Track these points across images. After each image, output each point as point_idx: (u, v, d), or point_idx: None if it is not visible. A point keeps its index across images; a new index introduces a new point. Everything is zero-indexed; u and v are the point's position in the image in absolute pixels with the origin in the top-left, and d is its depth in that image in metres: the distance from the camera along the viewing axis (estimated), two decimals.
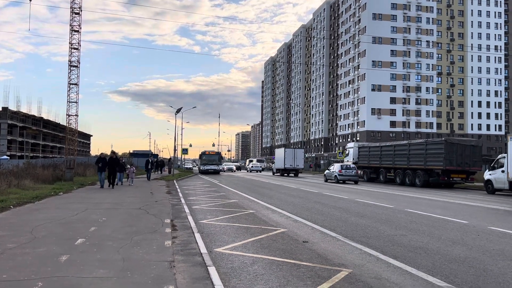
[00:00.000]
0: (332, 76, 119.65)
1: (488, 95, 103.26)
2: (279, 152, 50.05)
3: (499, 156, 23.50)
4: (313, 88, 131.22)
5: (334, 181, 33.01)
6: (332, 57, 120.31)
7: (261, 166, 67.41)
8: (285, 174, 48.21)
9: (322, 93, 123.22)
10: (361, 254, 7.13)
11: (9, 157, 51.07)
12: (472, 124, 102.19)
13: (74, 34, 41.06)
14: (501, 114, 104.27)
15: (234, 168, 71.13)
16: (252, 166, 66.59)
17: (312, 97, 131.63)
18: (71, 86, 42.83)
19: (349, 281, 5.51)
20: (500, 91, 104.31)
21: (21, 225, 9.27)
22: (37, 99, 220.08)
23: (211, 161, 49.62)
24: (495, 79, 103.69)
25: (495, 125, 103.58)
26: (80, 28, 40.81)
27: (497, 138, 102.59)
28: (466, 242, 8.27)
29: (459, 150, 27.03)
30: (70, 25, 40.86)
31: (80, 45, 40.87)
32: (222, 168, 57.56)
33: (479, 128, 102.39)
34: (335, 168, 33.13)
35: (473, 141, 29.48)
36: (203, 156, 50.98)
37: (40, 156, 71.31)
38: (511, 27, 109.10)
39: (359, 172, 36.35)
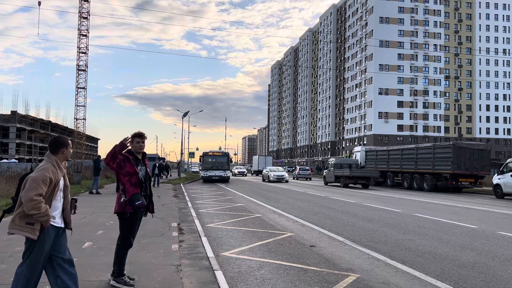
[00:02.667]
0: (339, 79, 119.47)
1: (496, 98, 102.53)
2: (255, 158, 72.06)
3: (508, 160, 23.27)
4: (319, 92, 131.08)
5: (302, 179, 48.39)
6: (339, 60, 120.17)
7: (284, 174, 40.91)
8: (259, 174, 59.19)
9: (329, 96, 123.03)
10: (369, 259, 7.08)
11: (17, 161, 51.49)
12: (480, 128, 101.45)
13: (82, 39, 41.31)
14: (509, 117, 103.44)
15: (246, 171, 62.94)
16: (274, 175, 39.57)
17: (319, 101, 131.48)
18: (79, 90, 43.08)
19: (357, 286, 5.46)
20: (509, 94, 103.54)
21: None
22: (46, 103, 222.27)
23: (216, 165, 36.45)
24: (504, 83, 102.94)
25: (504, 129, 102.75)
26: (88, 32, 41.10)
27: (505, 142, 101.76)
28: (475, 247, 8.19)
29: (467, 154, 26.81)
30: (78, 30, 41.19)
31: (88, 50, 41.12)
32: (231, 173, 46.35)
33: (488, 132, 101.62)
34: (297, 169, 50.65)
35: (482, 145, 29.23)
36: (205, 158, 37.16)
37: None
38: None
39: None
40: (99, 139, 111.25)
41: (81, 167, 31.07)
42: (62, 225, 4.17)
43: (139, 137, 5.29)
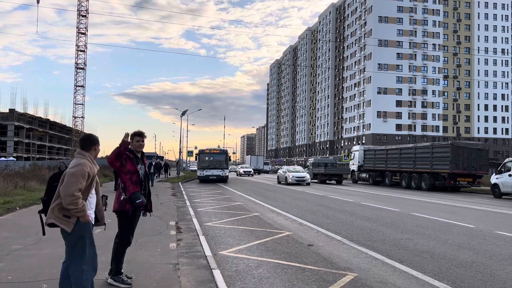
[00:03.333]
0: (337, 78, 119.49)
1: (494, 98, 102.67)
2: (247, 158, 79.72)
3: (506, 160, 23.29)
4: (318, 91, 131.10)
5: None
6: (337, 59, 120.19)
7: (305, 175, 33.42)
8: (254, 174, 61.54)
9: (328, 95, 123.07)
10: (367, 258, 7.09)
11: (15, 159, 51.37)
12: (478, 128, 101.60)
13: (80, 37, 41.29)
14: (508, 117, 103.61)
15: (252, 171, 56.26)
16: (293, 177, 32.32)
17: (318, 100, 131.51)
18: (78, 88, 43.08)
19: (355, 285, 5.47)
20: (507, 94, 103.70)
21: (27, 227, 9.30)
22: (44, 101, 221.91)
23: (214, 164, 33.97)
24: (502, 83, 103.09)
25: (502, 128, 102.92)
26: (87, 30, 41.14)
27: (503, 142, 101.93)
28: (473, 247, 8.20)
29: (466, 154, 26.84)
30: (77, 28, 41.19)
31: (86, 48, 41.19)
32: (237, 173, 46.44)
33: (486, 131, 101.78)
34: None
35: (480, 144, 29.27)
36: (202, 156, 34.83)
37: (46, 157, 71.61)
38: None
39: (365, 175, 36.56)
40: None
41: None
42: (93, 222, 4.30)
43: (139, 136, 5.32)
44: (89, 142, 4.27)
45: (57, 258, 6.39)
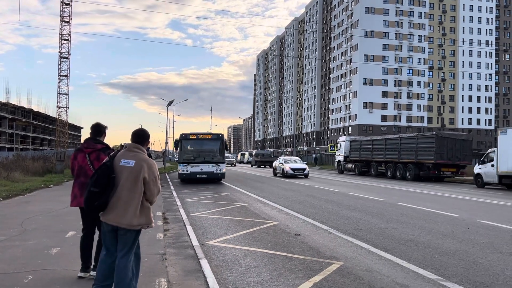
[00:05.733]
0: (324, 69, 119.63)
1: (478, 89, 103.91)
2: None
3: (489, 150, 23.69)
4: (305, 82, 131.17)
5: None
6: (324, 50, 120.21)
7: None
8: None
9: (314, 86, 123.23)
10: (353, 247, 7.17)
11: None
12: (462, 119, 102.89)
13: (64, 25, 40.54)
14: (491, 108, 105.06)
15: (235, 161, 65.37)
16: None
17: (305, 91, 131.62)
18: (62, 77, 42.40)
19: (341, 274, 5.53)
20: (491, 85, 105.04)
21: (11, 218, 9.19)
22: (27, 91, 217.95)
23: (203, 155, 22.64)
24: (486, 74, 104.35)
25: (485, 119, 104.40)
26: (71, 19, 40.23)
27: (487, 133, 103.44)
28: (456, 235, 8.35)
29: (450, 144, 27.20)
30: (60, 16, 40.34)
31: (70, 37, 40.31)
32: (281, 173, 30.51)
33: (470, 122, 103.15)
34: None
35: (464, 135, 29.67)
36: (185, 143, 22.97)
37: (30, 148, 70.63)
38: (502, 22, 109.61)
39: (351, 165, 36.88)
40: (82, 128, 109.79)
41: (64, 156, 30.65)
42: None
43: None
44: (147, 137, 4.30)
45: (42, 249, 6.33)
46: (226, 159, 26.62)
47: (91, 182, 3.99)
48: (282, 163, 30.71)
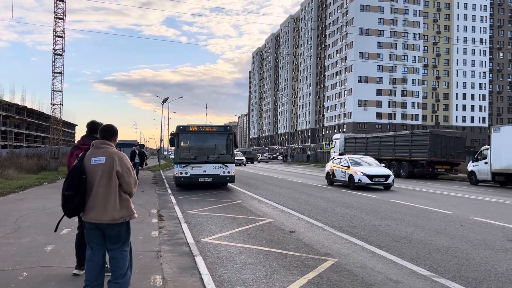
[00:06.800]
0: (319, 67, 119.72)
1: (472, 87, 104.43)
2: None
3: (483, 148, 23.83)
4: (300, 79, 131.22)
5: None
6: (319, 48, 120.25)
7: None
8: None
9: (310, 84, 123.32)
10: (347, 244, 7.21)
11: None
12: (456, 116, 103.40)
13: (58, 22, 40.29)
14: (485, 106, 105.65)
15: (244, 160, 50.49)
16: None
17: (300, 88, 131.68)
18: (56, 74, 42.16)
19: (335, 270, 5.57)
20: (484, 83, 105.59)
21: (5, 215, 9.17)
22: (21, 88, 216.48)
23: (207, 153, 17.95)
24: (480, 72, 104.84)
25: (479, 117, 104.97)
26: (65, 15, 39.99)
27: (480, 130, 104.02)
28: (449, 232, 8.41)
29: (444, 142, 27.34)
30: (54, 13, 40.07)
31: (64, 33, 40.02)
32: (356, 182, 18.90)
33: (464, 120, 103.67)
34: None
35: (458, 133, 29.83)
36: (183, 137, 17.70)
37: (24, 145, 70.17)
38: (496, 20, 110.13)
39: None
40: (76, 125, 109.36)
41: (58, 153, 30.53)
42: None
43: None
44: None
45: (37, 247, 6.33)
46: (235, 158, 21.80)
47: (64, 186, 3.98)
48: (348, 166, 18.93)
